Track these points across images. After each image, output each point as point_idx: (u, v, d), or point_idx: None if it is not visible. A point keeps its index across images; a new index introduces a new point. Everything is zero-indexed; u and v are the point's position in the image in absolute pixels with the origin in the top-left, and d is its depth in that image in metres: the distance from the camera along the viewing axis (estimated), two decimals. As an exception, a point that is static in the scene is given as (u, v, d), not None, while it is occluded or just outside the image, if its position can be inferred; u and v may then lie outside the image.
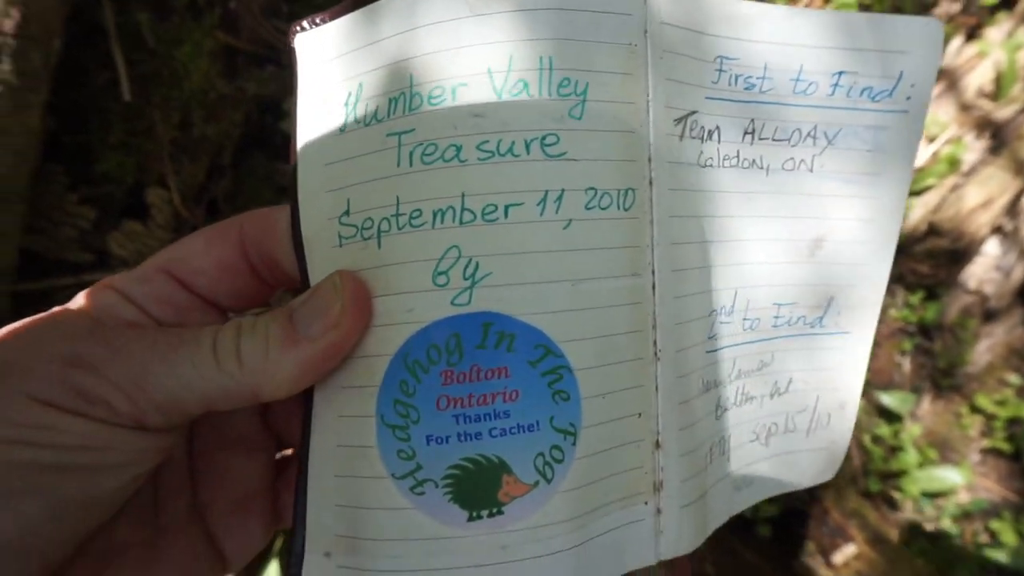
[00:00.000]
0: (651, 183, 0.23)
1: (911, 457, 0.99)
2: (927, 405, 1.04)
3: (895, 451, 1.00)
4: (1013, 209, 0.97)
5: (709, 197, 0.25)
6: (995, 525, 0.98)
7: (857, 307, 0.29)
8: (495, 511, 0.22)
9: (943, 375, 1.03)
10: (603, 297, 0.22)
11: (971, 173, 0.97)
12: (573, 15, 0.21)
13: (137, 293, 0.23)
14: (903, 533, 0.98)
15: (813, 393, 0.30)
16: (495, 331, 0.21)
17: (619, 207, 0.22)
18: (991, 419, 1.01)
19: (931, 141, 1.01)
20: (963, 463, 1.01)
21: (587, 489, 0.22)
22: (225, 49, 0.77)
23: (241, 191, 0.75)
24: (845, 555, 0.92)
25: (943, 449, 1.02)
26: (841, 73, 0.26)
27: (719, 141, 0.25)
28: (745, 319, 0.27)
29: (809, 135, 0.26)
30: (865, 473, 0.99)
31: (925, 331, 1.04)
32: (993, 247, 1.00)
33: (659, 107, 0.23)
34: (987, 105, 0.99)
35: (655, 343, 0.23)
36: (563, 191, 0.21)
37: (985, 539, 0.97)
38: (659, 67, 0.23)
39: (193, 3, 0.75)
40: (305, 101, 0.23)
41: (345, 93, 0.22)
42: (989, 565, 0.94)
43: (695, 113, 0.24)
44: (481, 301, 0.21)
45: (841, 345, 0.29)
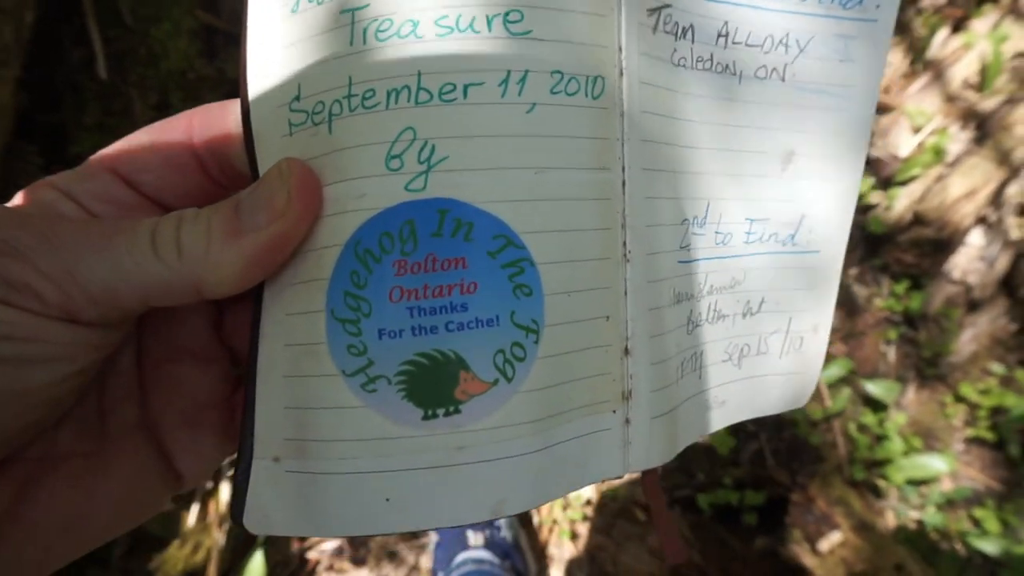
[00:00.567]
0: (622, 73, 0.22)
1: (896, 445, 0.99)
2: (912, 394, 1.05)
3: (880, 440, 1.01)
4: (997, 200, 0.98)
5: (682, 99, 0.24)
6: (979, 513, 0.99)
7: (827, 224, 0.29)
8: (452, 410, 0.21)
9: (928, 364, 1.04)
10: (569, 189, 0.21)
11: (956, 163, 0.98)
12: None
13: (78, 190, 0.21)
14: (888, 521, 0.99)
15: (785, 315, 0.29)
16: (452, 218, 0.20)
17: (587, 95, 0.21)
18: (975, 408, 1.02)
19: (916, 131, 1.02)
20: (947, 452, 1.02)
21: (550, 392, 0.21)
22: (205, 28, 0.76)
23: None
24: (831, 542, 0.92)
25: (927, 438, 1.03)
26: None
27: (693, 41, 0.24)
28: (717, 232, 0.27)
29: (781, 42, 0.26)
30: (850, 461, 0.99)
31: (910, 321, 1.05)
32: (977, 237, 1.01)
33: None
34: (972, 96, 1.00)
35: (625, 244, 0.22)
36: (527, 72, 0.20)
37: (969, 527, 0.97)
38: None
39: (175, -21, 0.74)
40: None
41: None
42: (973, 552, 0.95)
43: (668, 7, 0.23)
44: (437, 187, 0.20)
45: (813, 264, 0.29)
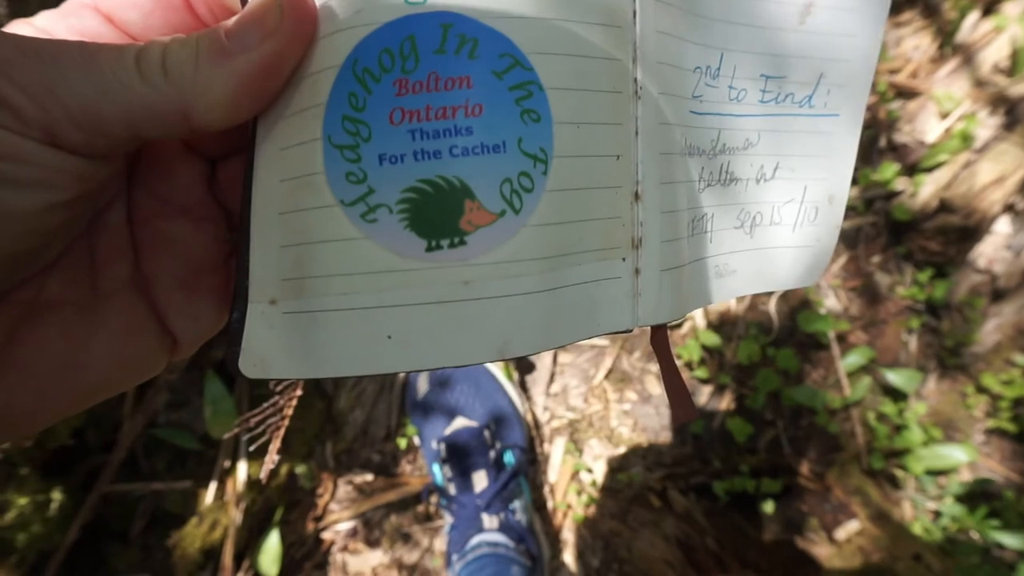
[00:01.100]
0: None
1: (915, 435, 0.98)
2: (933, 384, 1.03)
3: (899, 429, 1.00)
4: (1025, 187, 0.96)
5: None
6: (998, 505, 0.98)
7: (847, 85, 0.28)
8: (457, 241, 0.20)
9: (950, 354, 1.02)
10: (580, 9, 0.20)
11: (984, 149, 0.96)
12: None
13: (59, 28, 0.20)
14: (905, 511, 0.98)
15: (800, 183, 0.28)
16: (455, 34, 0.19)
17: None
18: (997, 399, 1.01)
19: (944, 117, 0.99)
20: (967, 443, 1.01)
21: (560, 228, 0.21)
22: None
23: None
24: (848, 531, 0.92)
25: (947, 428, 1.02)
26: None
27: None
28: (731, 87, 0.26)
29: None
30: (869, 451, 0.98)
31: (933, 310, 1.03)
32: (1004, 226, 0.99)
33: None
34: (1002, 81, 0.97)
35: (636, 80, 0.21)
36: None
37: (988, 518, 0.96)
38: None
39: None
40: None
41: None
42: (991, 544, 0.94)
43: None
44: None
45: (830, 129, 0.28)
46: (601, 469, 0.95)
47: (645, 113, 0.22)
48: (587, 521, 0.92)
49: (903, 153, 1.02)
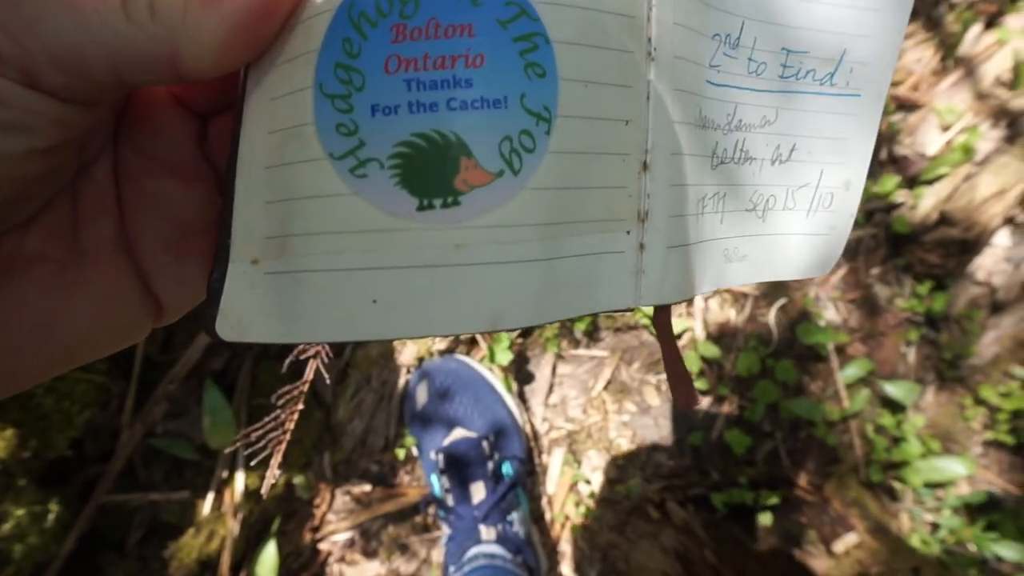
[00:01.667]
0: None
1: (914, 448, 0.98)
2: (931, 396, 1.03)
3: (898, 442, 1.00)
4: (1026, 200, 0.96)
5: None
6: (996, 517, 0.98)
7: (870, 64, 0.27)
8: (450, 200, 0.19)
9: (948, 366, 1.02)
10: None
11: (985, 162, 0.96)
12: None
13: None
14: (903, 523, 0.98)
15: (817, 166, 0.27)
16: None
17: None
18: (995, 411, 1.01)
19: (945, 129, 1.00)
20: (965, 455, 1.01)
21: (561, 195, 0.20)
22: None
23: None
24: (846, 544, 0.92)
25: (945, 440, 1.02)
26: None
27: None
28: (751, 60, 0.25)
29: None
30: (867, 463, 0.98)
31: (932, 322, 1.03)
32: (1004, 238, 0.99)
33: None
34: (1004, 94, 0.98)
35: (650, 40, 0.20)
36: None
37: (986, 531, 0.96)
38: None
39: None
40: None
41: None
42: (989, 557, 0.94)
43: None
44: None
45: (850, 110, 0.27)
46: (599, 480, 0.95)
47: (658, 77, 0.21)
48: (585, 532, 0.92)
49: (904, 165, 1.03)
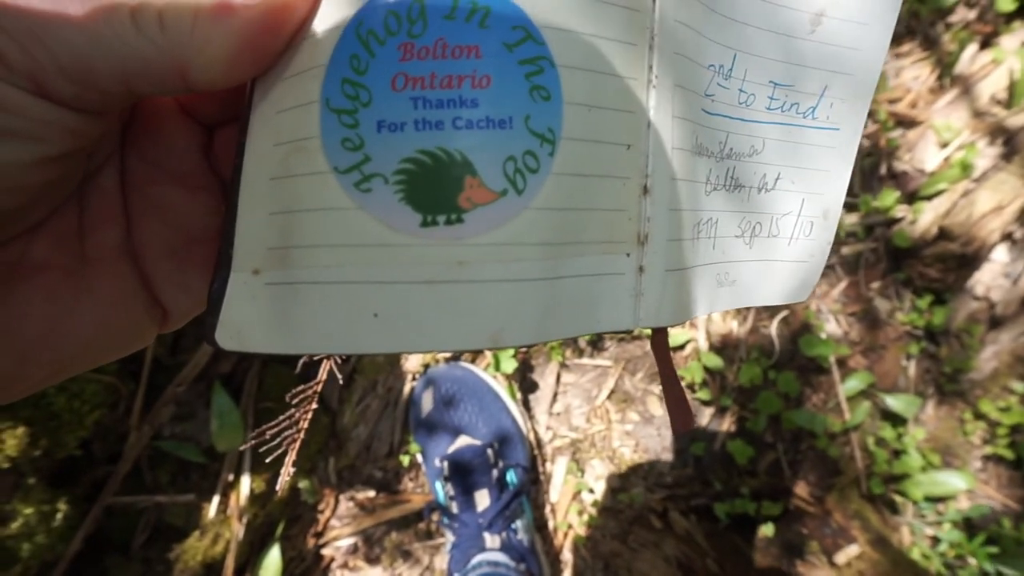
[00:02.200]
0: None
1: (914, 461, 0.99)
2: (931, 410, 1.04)
3: (898, 454, 1.00)
4: (1023, 216, 0.98)
5: None
6: (995, 531, 0.98)
7: (848, 100, 0.28)
8: (454, 218, 0.19)
9: (948, 380, 1.03)
10: None
11: (983, 179, 0.98)
12: None
13: None
14: (904, 537, 0.98)
15: (799, 195, 0.29)
16: (468, 0, 0.18)
17: None
18: (994, 426, 1.01)
19: (943, 146, 1.01)
20: (965, 469, 1.01)
21: (563, 215, 0.20)
22: None
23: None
24: (848, 555, 0.92)
25: (945, 454, 1.02)
26: None
27: None
28: (741, 91, 0.26)
29: None
30: (868, 475, 0.99)
31: (932, 336, 1.04)
32: (1002, 254, 1.01)
33: None
34: (1000, 112, 0.99)
35: (651, 68, 0.21)
36: None
37: (986, 545, 0.96)
38: None
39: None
40: None
41: None
42: (989, 571, 0.94)
43: None
44: None
45: (831, 143, 0.28)
46: (602, 489, 0.95)
47: (659, 104, 0.21)
48: (588, 541, 0.92)
49: (903, 181, 1.04)
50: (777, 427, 0.99)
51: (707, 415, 0.99)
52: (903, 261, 1.04)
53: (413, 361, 0.94)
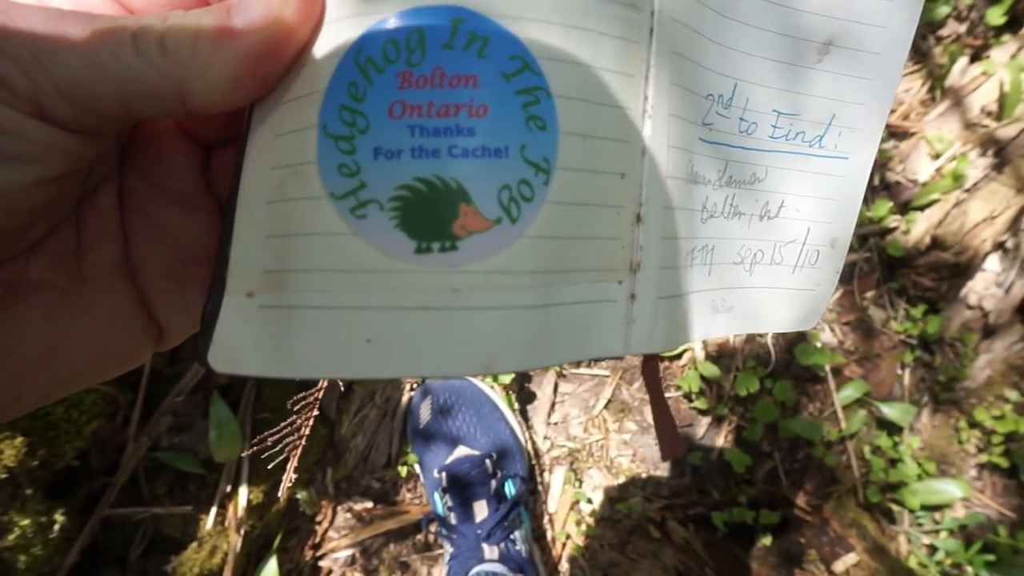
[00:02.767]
0: None
1: (910, 469, 0.99)
2: (926, 418, 1.05)
3: (894, 463, 1.01)
4: (1015, 226, 0.99)
5: None
6: (991, 540, 0.99)
7: (859, 129, 0.28)
8: (448, 245, 0.19)
9: (943, 389, 1.04)
10: (595, 19, 0.20)
11: (975, 189, 0.99)
12: None
13: (63, 1, 0.20)
14: (901, 545, 0.98)
15: (804, 224, 0.28)
16: (466, 30, 0.18)
17: None
18: (989, 434, 1.02)
19: (935, 157, 1.02)
20: (960, 477, 1.02)
21: (557, 243, 0.20)
22: None
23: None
24: (846, 564, 0.92)
25: (941, 463, 1.03)
26: None
27: None
28: (743, 119, 0.25)
29: None
30: (865, 484, 0.99)
31: (926, 345, 1.05)
32: (994, 263, 1.01)
33: None
34: (991, 124, 1.01)
35: (647, 98, 0.21)
36: None
37: (982, 554, 0.97)
38: None
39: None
40: None
41: None
42: (986, 579, 0.94)
43: None
44: None
45: (839, 172, 0.28)
46: (600, 499, 0.95)
47: (654, 133, 0.21)
48: (586, 551, 0.92)
49: (896, 191, 1.05)
50: (774, 436, 0.99)
51: (704, 424, 0.99)
52: (897, 271, 1.05)
53: (411, 371, 0.93)
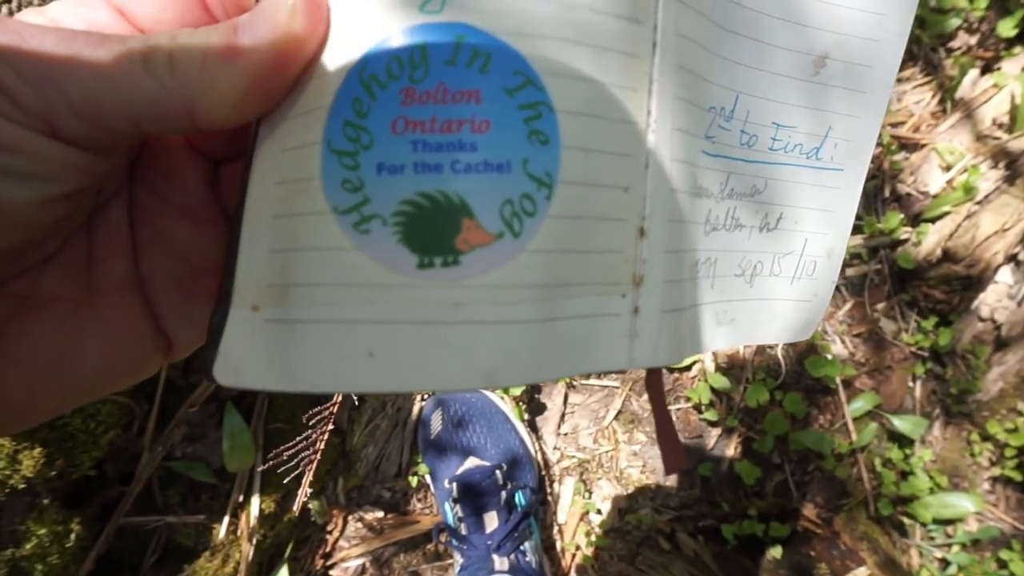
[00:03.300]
0: None
1: (922, 482, 0.99)
2: (937, 431, 1.04)
3: (906, 476, 1.00)
4: (1027, 238, 0.99)
5: None
6: (1004, 554, 0.98)
7: (853, 141, 0.28)
8: (451, 260, 0.19)
9: (955, 401, 1.03)
10: (597, 33, 0.20)
11: (986, 201, 0.99)
12: None
13: (70, 18, 0.20)
14: (912, 559, 0.98)
15: (801, 235, 0.29)
16: (468, 46, 0.19)
17: None
18: (1002, 447, 1.01)
19: (947, 169, 1.02)
20: (973, 490, 1.01)
21: (559, 257, 0.20)
22: None
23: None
24: (857, 577, 0.92)
25: (953, 476, 1.02)
26: None
27: None
28: (743, 132, 0.26)
29: None
30: (876, 497, 0.99)
31: (937, 357, 1.04)
32: (1006, 276, 1.01)
33: None
34: (1002, 136, 1.01)
35: (650, 112, 0.21)
36: None
37: (994, 568, 0.96)
38: None
39: None
40: None
41: None
42: (999, 594, 0.94)
43: None
44: (455, 10, 0.19)
45: (834, 183, 0.29)
46: (610, 510, 0.95)
47: (657, 147, 0.21)
48: (596, 563, 0.92)
49: (907, 203, 1.05)
50: (784, 448, 0.99)
51: (714, 436, 0.99)
52: (908, 282, 1.04)
53: (422, 382, 0.94)
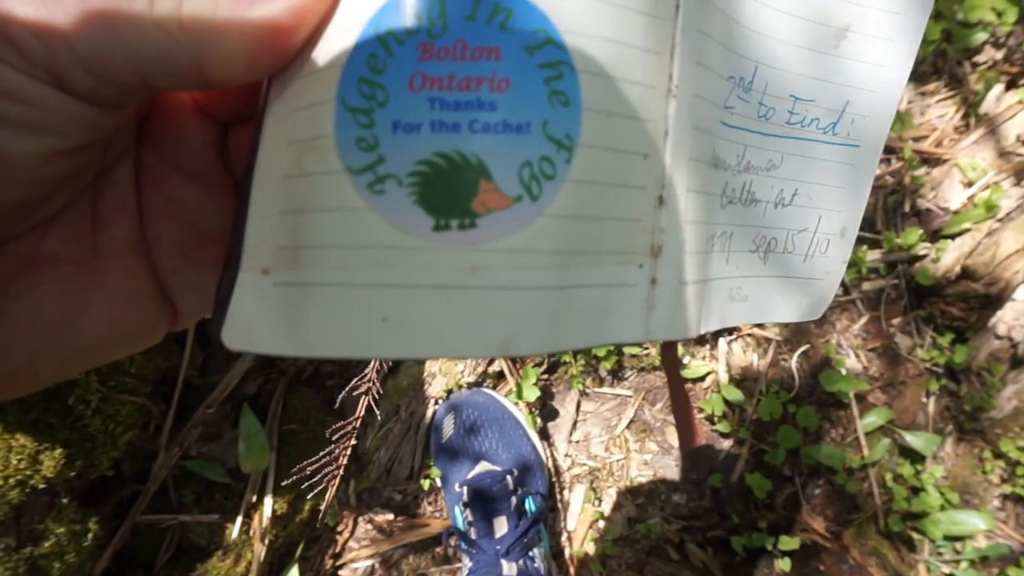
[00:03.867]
0: None
1: (933, 498, 0.98)
2: (950, 447, 1.04)
3: (916, 491, 1.00)
4: (1047, 258, 0.98)
5: None
6: (1012, 572, 0.98)
7: (870, 116, 0.28)
8: (467, 223, 0.18)
9: (968, 418, 1.03)
10: None
11: (1008, 219, 0.98)
12: None
13: None
14: (920, 574, 0.98)
15: (816, 212, 0.28)
16: (489, 2, 0.18)
17: None
18: (1014, 465, 1.01)
19: (968, 185, 1.02)
20: (983, 508, 1.01)
21: (578, 223, 0.20)
22: None
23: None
24: (865, 594, 0.92)
25: (964, 492, 1.02)
26: None
27: None
28: (761, 104, 0.25)
29: None
30: (886, 512, 0.99)
31: (952, 374, 1.04)
32: (1024, 294, 1.00)
33: None
34: (1026, 153, 1.00)
35: (672, 77, 0.21)
36: None
37: (1003, 586, 0.96)
38: None
39: None
40: None
41: None
42: (1007, 613, 0.93)
43: None
44: None
45: (849, 160, 0.28)
46: (619, 518, 0.96)
47: (678, 113, 0.21)
48: (604, 571, 0.92)
49: (927, 219, 1.04)
50: (795, 461, 0.99)
51: (726, 447, 0.99)
52: (925, 299, 1.04)
53: (436, 386, 0.94)
